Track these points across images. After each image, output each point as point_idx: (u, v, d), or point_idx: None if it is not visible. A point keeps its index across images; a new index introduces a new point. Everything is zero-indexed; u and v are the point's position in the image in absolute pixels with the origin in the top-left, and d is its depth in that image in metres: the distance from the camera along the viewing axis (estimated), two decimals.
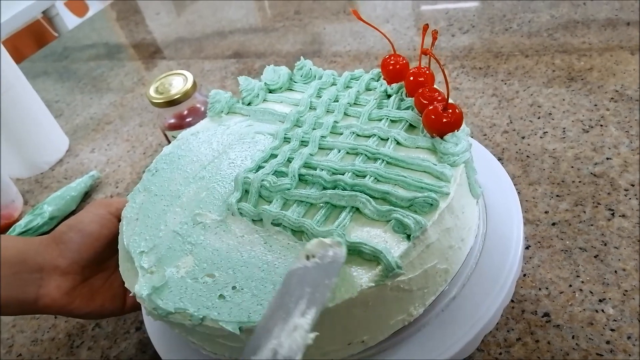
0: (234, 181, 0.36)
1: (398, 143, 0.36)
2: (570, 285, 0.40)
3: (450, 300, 0.34)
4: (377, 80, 0.43)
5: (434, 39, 0.35)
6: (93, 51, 1.08)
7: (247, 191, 0.35)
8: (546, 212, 0.46)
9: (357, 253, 0.30)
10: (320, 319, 0.25)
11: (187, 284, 0.31)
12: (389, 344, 0.33)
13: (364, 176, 0.34)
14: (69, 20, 2.06)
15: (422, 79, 0.38)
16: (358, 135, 0.38)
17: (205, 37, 0.98)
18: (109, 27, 1.21)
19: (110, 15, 1.27)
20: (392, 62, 0.41)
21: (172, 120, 0.57)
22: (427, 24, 0.37)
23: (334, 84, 0.44)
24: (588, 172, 0.48)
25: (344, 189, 0.33)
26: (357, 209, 0.32)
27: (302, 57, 0.47)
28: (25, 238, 0.39)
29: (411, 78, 0.39)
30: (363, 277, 0.29)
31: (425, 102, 0.36)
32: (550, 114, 0.56)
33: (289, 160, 0.36)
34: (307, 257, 0.28)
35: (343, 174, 0.34)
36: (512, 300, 0.39)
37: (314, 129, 0.39)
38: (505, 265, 0.35)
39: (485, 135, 0.56)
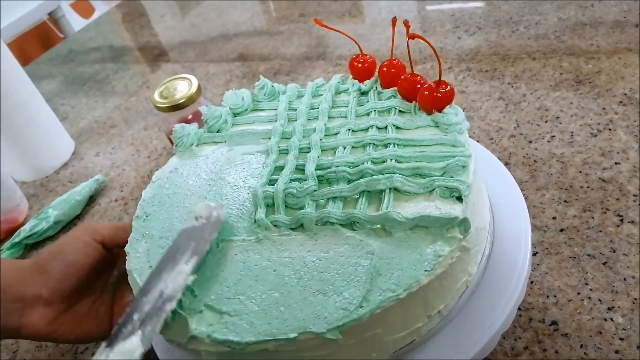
0: (253, 198, 0.35)
1: (397, 128, 0.38)
2: (579, 293, 0.39)
3: (462, 304, 0.34)
4: (344, 83, 0.44)
5: (407, 27, 0.37)
6: (98, 54, 1.08)
7: (268, 205, 0.34)
8: (554, 218, 0.45)
9: (422, 227, 0.31)
10: (408, 299, 0.28)
11: (265, 309, 0.30)
12: (407, 349, 0.32)
13: (384, 161, 0.35)
14: (75, 21, 2.07)
15: (394, 70, 0.41)
16: (354, 131, 0.39)
17: (210, 40, 0.98)
18: (114, 30, 1.21)
19: (116, 17, 1.27)
20: (360, 60, 0.43)
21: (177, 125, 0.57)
22: (395, 17, 0.40)
23: (300, 95, 0.44)
24: (596, 178, 0.47)
25: (372, 176, 0.34)
26: (395, 189, 0.33)
27: (260, 77, 0.46)
28: (9, 262, 0.38)
29: (385, 69, 0.41)
30: (443, 247, 0.30)
31: (412, 86, 0.39)
32: (557, 117, 0.55)
33: (298, 168, 0.36)
34: (196, 218, 0.33)
35: (363, 165, 0.35)
36: (519, 308, 0.39)
37: (304, 136, 0.39)
38: (514, 272, 0.35)
39: (492, 139, 0.55)
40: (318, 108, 0.41)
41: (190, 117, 0.57)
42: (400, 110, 0.39)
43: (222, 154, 0.41)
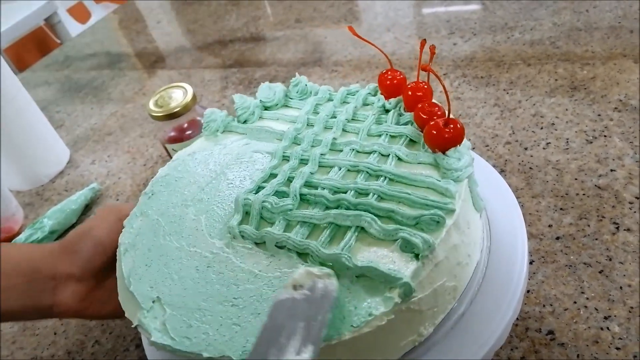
0: (234, 203, 0.35)
1: (399, 159, 0.36)
2: (575, 302, 0.39)
3: (459, 317, 0.34)
4: (374, 95, 0.43)
5: (432, 54, 0.35)
6: (94, 60, 1.08)
7: (247, 213, 0.34)
8: (550, 226, 0.45)
9: (367, 278, 0.29)
10: (330, 347, 0.26)
11: (192, 316, 0.31)
12: None
13: (367, 194, 0.33)
14: (72, 27, 2.07)
15: (420, 93, 0.38)
16: (358, 152, 0.37)
17: (206, 46, 0.98)
18: (111, 36, 1.21)
19: (112, 23, 1.27)
20: (389, 77, 0.41)
21: (172, 134, 0.57)
22: (425, 40, 0.37)
23: (330, 99, 0.44)
24: (592, 185, 0.47)
25: (348, 208, 0.32)
26: (362, 228, 0.31)
27: (296, 74, 0.46)
28: (37, 246, 0.40)
29: (409, 93, 0.39)
30: (378, 305, 0.28)
31: (425, 117, 0.36)
32: (553, 124, 0.55)
33: (289, 179, 0.36)
34: (295, 287, 0.27)
35: (345, 192, 0.33)
36: (516, 318, 0.38)
37: (312, 146, 0.39)
38: (511, 281, 0.35)
39: (487, 146, 0.55)
40: (335, 119, 0.41)
41: (185, 125, 0.57)
42: (410, 140, 0.37)
43: (238, 147, 0.42)
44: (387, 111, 0.40)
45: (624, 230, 0.43)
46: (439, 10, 0.86)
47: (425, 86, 0.38)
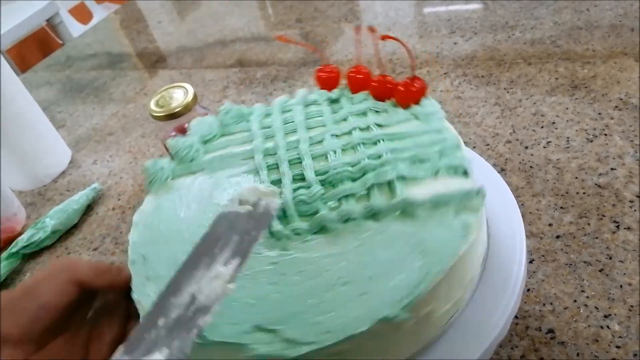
0: None
1: (379, 126, 0.39)
2: (575, 301, 0.39)
3: (458, 314, 0.34)
4: (311, 95, 0.45)
5: (373, 31, 0.39)
6: (95, 60, 1.09)
7: (279, 217, 0.34)
8: (550, 225, 0.45)
9: (441, 205, 0.32)
10: (450, 270, 0.29)
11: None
12: None
13: (380, 156, 0.36)
14: (74, 27, 2.07)
15: (361, 76, 0.43)
16: (338, 136, 0.39)
17: (207, 46, 0.98)
18: (112, 36, 1.21)
19: (114, 23, 1.28)
20: (326, 71, 0.45)
21: (174, 133, 0.57)
22: (359, 26, 0.42)
23: (268, 114, 0.44)
24: (592, 183, 0.47)
25: (376, 169, 0.35)
26: (401, 177, 0.34)
27: (224, 101, 0.46)
28: None
29: (352, 75, 0.43)
30: (469, 217, 0.31)
31: (388, 85, 0.41)
32: (553, 123, 0.55)
33: (296, 178, 0.36)
34: (240, 202, 0.28)
35: (363, 162, 0.36)
36: (516, 317, 0.39)
37: (287, 150, 0.39)
38: (510, 279, 0.35)
39: (488, 145, 0.55)
40: (293, 122, 0.42)
41: (186, 125, 0.57)
42: (376, 111, 0.41)
43: (206, 181, 0.40)
44: (335, 101, 0.43)
45: (624, 228, 0.43)
46: (439, 10, 0.86)
47: (364, 69, 0.43)
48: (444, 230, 0.31)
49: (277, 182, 0.37)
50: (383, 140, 0.37)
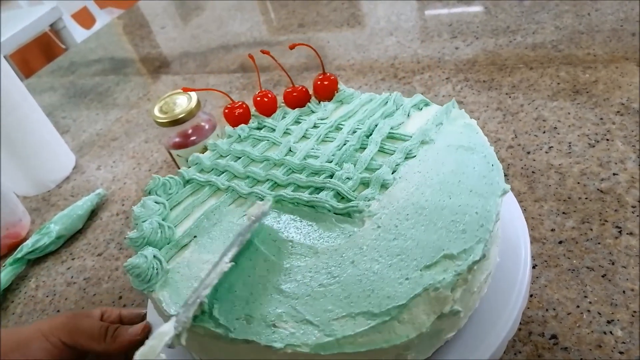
0: (315, 209, 0.37)
1: (321, 120, 0.46)
2: (578, 306, 0.39)
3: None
4: (260, 129, 0.48)
5: (266, 53, 0.49)
6: (99, 66, 1.09)
7: (322, 207, 0.37)
8: (552, 230, 0.45)
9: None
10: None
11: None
12: None
13: (355, 131, 0.43)
14: (77, 32, 2.08)
15: (296, 93, 0.49)
16: (297, 142, 0.44)
17: (210, 51, 0.98)
18: (115, 41, 1.22)
19: (117, 28, 1.28)
20: (293, 93, 0.50)
21: (177, 139, 0.57)
22: (251, 54, 0.51)
23: (225, 170, 0.43)
24: (594, 189, 0.48)
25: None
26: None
27: (193, 154, 0.45)
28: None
29: (260, 99, 0.50)
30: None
31: (294, 94, 0.49)
32: (555, 128, 0.56)
33: (301, 186, 0.39)
34: (249, 219, 0.35)
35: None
36: (519, 322, 0.39)
37: (291, 170, 0.42)
38: (514, 285, 0.35)
39: None
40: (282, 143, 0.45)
41: (190, 131, 0.57)
42: (305, 115, 0.47)
43: (216, 237, 0.37)
44: (312, 112, 0.48)
45: (627, 234, 0.43)
46: (441, 14, 0.86)
47: (303, 88, 0.50)
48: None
49: (278, 187, 0.38)
50: (340, 124, 0.44)
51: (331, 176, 0.38)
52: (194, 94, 0.57)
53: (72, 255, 0.60)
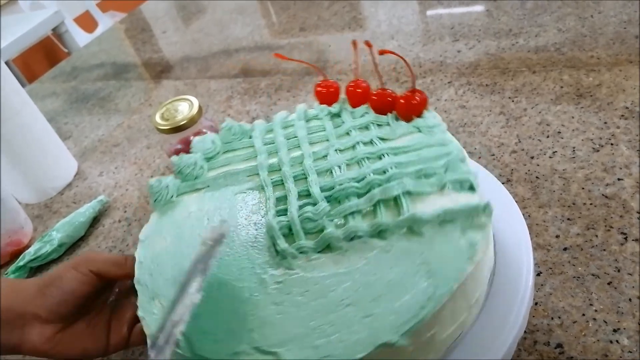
0: (267, 231, 0.35)
1: (382, 140, 0.39)
2: (584, 315, 0.39)
3: (466, 330, 0.34)
4: (310, 110, 0.45)
5: (369, 46, 0.40)
6: (101, 71, 1.09)
7: (285, 235, 0.34)
8: (557, 237, 0.45)
9: (448, 221, 0.32)
10: (456, 291, 0.29)
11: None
12: None
13: (385, 171, 0.36)
14: (79, 36, 2.09)
15: (360, 90, 0.43)
16: (342, 150, 0.39)
17: (212, 56, 0.98)
18: (117, 46, 1.22)
19: (119, 33, 1.29)
20: (324, 86, 0.45)
21: (179, 146, 0.57)
22: (355, 40, 0.42)
23: (270, 130, 0.44)
24: (599, 194, 0.47)
25: (382, 185, 0.34)
26: (408, 192, 0.34)
27: (226, 118, 0.46)
28: (12, 282, 0.41)
29: (351, 89, 0.43)
30: (475, 235, 0.31)
31: (388, 99, 0.41)
32: (559, 132, 0.55)
33: (301, 194, 0.36)
34: (203, 244, 0.32)
35: (368, 177, 0.35)
36: (524, 331, 0.38)
37: (291, 165, 0.39)
38: (518, 293, 0.35)
39: (493, 155, 0.55)
40: (296, 137, 0.42)
41: (192, 138, 0.57)
42: (378, 124, 0.41)
43: (211, 198, 0.40)
44: (335, 115, 0.43)
45: (633, 240, 0.43)
46: (443, 17, 0.86)
47: (364, 83, 0.43)
48: (450, 249, 0.31)
49: (283, 199, 0.37)
50: (387, 154, 0.37)
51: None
52: (195, 101, 0.56)
53: None
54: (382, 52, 0.40)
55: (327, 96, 0.45)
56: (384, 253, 0.31)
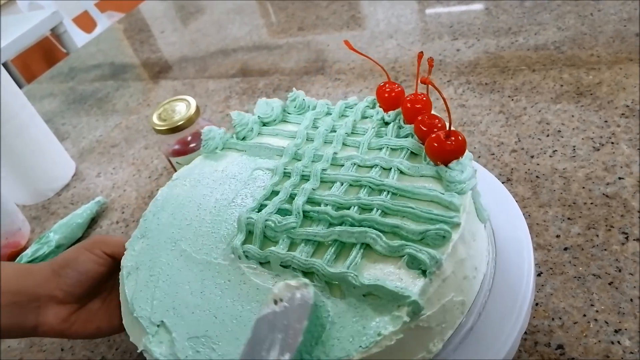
0: (236, 222, 0.35)
1: (401, 172, 0.35)
2: (585, 315, 0.38)
3: (467, 332, 0.33)
4: (373, 108, 0.43)
5: (430, 66, 0.35)
6: (99, 71, 1.09)
7: (251, 232, 0.34)
8: (557, 237, 0.44)
9: (375, 296, 0.29)
10: None
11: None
12: None
13: (371, 209, 0.33)
14: (78, 36, 2.08)
15: (419, 105, 0.38)
16: (360, 166, 0.37)
17: (210, 56, 0.98)
18: (115, 47, 1.22)
19: (117, 33, 1.28)
20: (387, 89, 0.41)
21: (176, 147, 0.57)
22: (422, 52, 0.36)
23: (328, 113, 0.44)
24: (600, 193, 0.47)
25: (352, 225, 0.32)
26: (368, 244, 0.31)
27: (294, 89, 0.46)
28: (26, 266, 0.41)
29: (408, 105, 0.38)
30: (386, 325, 0.28)
31: (425, 129, 0.36)
32: (559, 131, 0.55)
33: (292, 196, 0.36)
34: (275, 302, 0.28)
35: (349, 209, 0.33)
36: (525, 332, 0.38)
37: (313, 161, 0.39)
38: (518, 293, 0.35)
39: (493, 154, 0.55)
40: (335, 132, 0.41)
41: (189, 138, 0.57)
42: (412, 152, 0.37)
43: (238, 164, 0.42)
44: (387, 124, 0.40)
45: (634, 240, 0.42)
46: (442, 16, 0.85)
47: (424, 98, 0.38)
48: (354, 327, 0.28)
49: (275, 194, 0.37)
50: (388, 192, 0.34)
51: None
52: (192, 101, 0.56)
53: None
54: (423, 82, 0.33)
55: (388, 101, 0.41)
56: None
